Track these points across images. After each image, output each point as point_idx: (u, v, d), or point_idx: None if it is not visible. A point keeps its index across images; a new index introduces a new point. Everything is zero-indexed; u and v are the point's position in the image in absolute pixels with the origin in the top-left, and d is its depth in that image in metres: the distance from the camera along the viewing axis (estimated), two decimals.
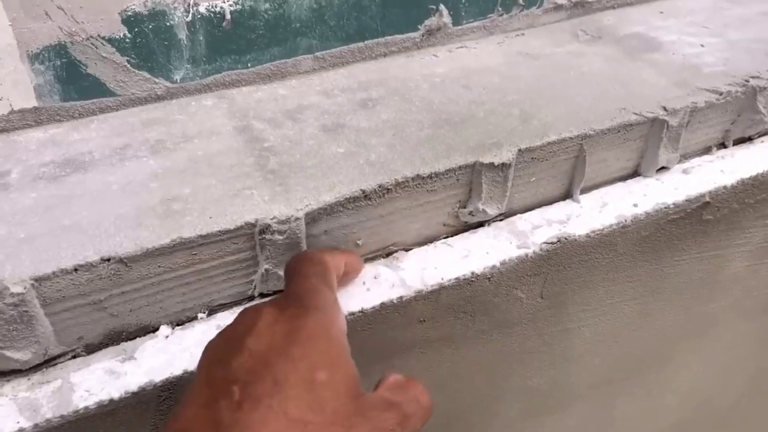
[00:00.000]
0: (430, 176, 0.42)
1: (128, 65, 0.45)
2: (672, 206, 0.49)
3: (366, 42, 0.53)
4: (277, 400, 0.26)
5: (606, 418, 0.68)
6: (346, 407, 0.28)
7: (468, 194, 0.45)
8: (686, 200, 0.49)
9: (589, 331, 0.55)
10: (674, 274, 0.55)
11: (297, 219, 0.38)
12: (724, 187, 0.51)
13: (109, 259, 0.36)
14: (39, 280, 0.34)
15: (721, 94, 0.51)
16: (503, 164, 0.43)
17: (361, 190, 0.40)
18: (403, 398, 0.30)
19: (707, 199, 0.50)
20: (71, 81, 0.44)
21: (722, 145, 0.55)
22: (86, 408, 0.35)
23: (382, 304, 0.41)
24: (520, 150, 0.44)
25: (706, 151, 0.55)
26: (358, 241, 0.43)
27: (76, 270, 0.35)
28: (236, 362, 0.28)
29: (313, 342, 0.29)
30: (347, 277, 0.41)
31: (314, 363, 0.28)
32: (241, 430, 0.26)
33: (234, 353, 0.29)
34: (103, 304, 0.37)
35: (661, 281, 0.55)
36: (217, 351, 0.30)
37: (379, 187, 0.41)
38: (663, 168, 0.52)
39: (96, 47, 0.44)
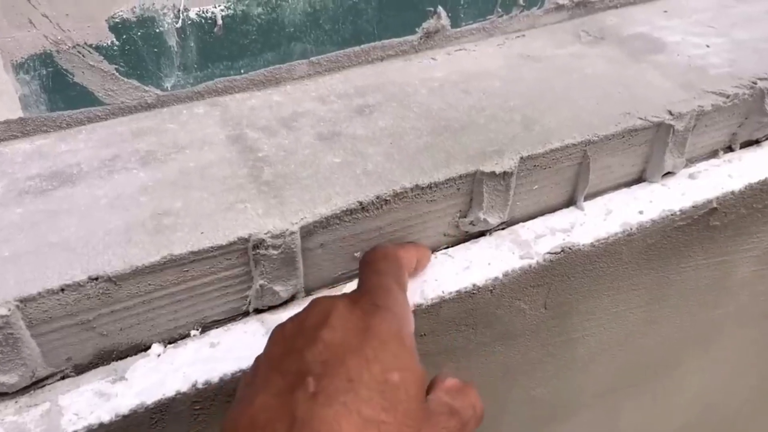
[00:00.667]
0: (429, 186, 0.41)
1: (117, 73, 0.44)
2: (678, 213, 0.48)
3: (362, 46, 0.52)
4: (351, 397, 0.26)
5: (611, 426, 0.67)
6: (416, 410, 0.28)
7: (469, 204, 0.43)
8: (693, 206, 0.48)
9: (594, 340, 0.53)
10: (680, 281, 0.54)
11: (292, 233, 0.37)
12: (732, 192, 0.49)
13: (97, 278, 0.34)
14: (24, 301, 0.33)
15: (728, 96, 0.49)
16: (505, 173, 0.42)
17: (358, 201, 0.39)
18: (462, 404, 0.31)
19: (714, 204, 0.49)
20: (58, 90, 0.43)
21: (729, 149, 0.54)
22: None
23: None
24: (522, 158, 0.43)
25: (713, 155, 0.53)
26: (356, 254, 0.41)
27: (62, 290, 0.34)
28: (310, 354, 0.28)
29: (385, 343, 0.29)
30: (416, 271, 0.42)
31: (387, 364, 0.28)
32: (317, 424, 0.25)
33: (308, 344, 0.29)
34: (92, 324, 0.36)
35: (667, 288, 0.54)
36: (288, 340, 0.30)
37: (377, 198, 0.39)
38: (668, 173, 0.50)
39: (83, 55, 0.42)
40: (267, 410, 0.27)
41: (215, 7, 0.44)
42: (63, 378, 0.36)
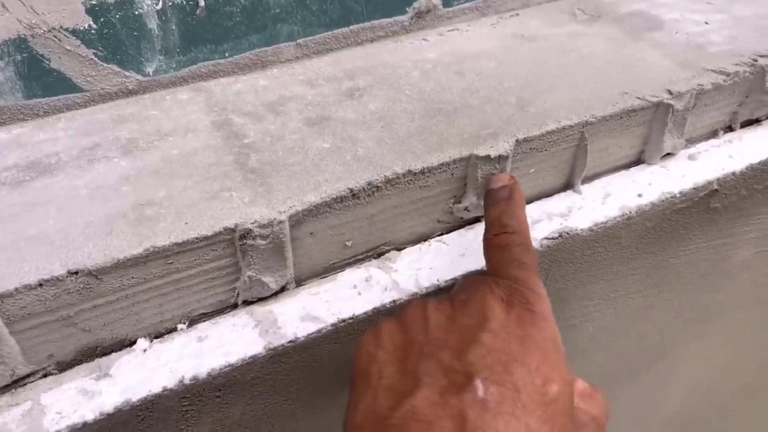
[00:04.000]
0: (422, 171, 0.39)
1: (95, 58, 0.42)
2: (678, 195, 0.47)
3: (351, 27, 0.50)
4: (519, 409, 0.26)
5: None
6: (568, 424, 0.28)
7: (463, 189, 0.42)
8: (693, 188, 0.47)
9: (592, 326, 0.52)
10: (679, 264, 0.53)
11: (280, 222, 0.36)
12: (733, 173, 0.48)
13: (77, 272, 0.33)
14: (1, 298, 0.32)
15: (728, 74, 0.48)
16: (500, 156, 0.41)
17: (348, 188, 0.37)
18: (597, 412, 0.31)
19: (715, 186, 0.48)
20: (34, 77, 0.41)
21: (729, 128, 0.53)
22: None
23: (375, 309, 0.39)
24: (517, 140, 0.41)
25: (713, 135, 0.52)
26: (347, 243, 0.40)
27: (41, 285, 0.32)
28: (473, 355, 0.28)
29: (546, 353, 0.29)
30: None
31: (548, 375, 0.28)
32: None
33: (469, 345, 0.28)
34: (74, 320, 0.34)
35: (666, 272, 0.53)
36: (435, 329, 0.30)
37: (368, 184, 0.38)
38: (668, 155, 0.49)
39: (59, 40, 0.40)
40: (432, 406, 0.26)
41: None
42: (45, 376, 0.35)
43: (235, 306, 0.39)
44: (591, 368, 0.58)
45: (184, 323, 0.38)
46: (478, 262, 0.41)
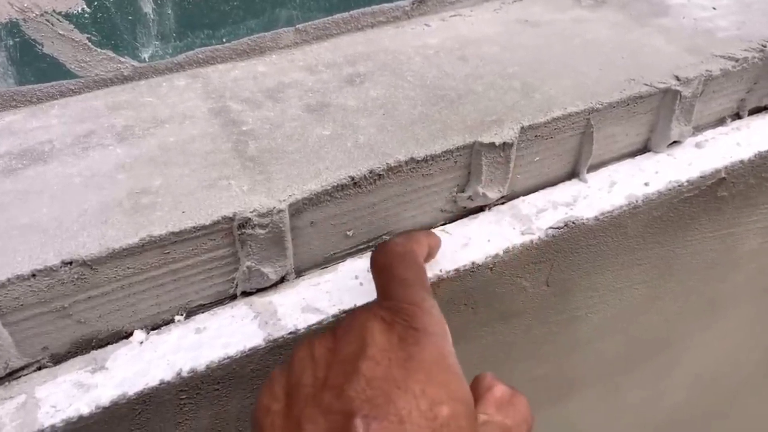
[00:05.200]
0: (425, 159, 0.38)
1: (89, 43, 0.41)
2: (686, 184, 0.46)
3: (351, 12, 0.49)
4: None
5: (613, 404, 0.66)
6: None
7: (467, 177, 0.41)
8: (701, 177, 0.46)
9: (597, 317, 0.52)
10: (686, 254, 0.52)
11: (280, 211, 0.35)
12: (741, 162, 0.47)
13: (71, 262, 0.32)
14: None
15: (737, 60, 0.47)
16: (505, 144, 0.40)
17: (349, 176, 0.36)
18: (515, 420, 0.29)
19: (723, 174, 0.47)
20: (27, 62, 0.40)
21: (737, 116, 0.52)
22: (53, 426, 0.32)
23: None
24: (522, 127, 0.40)
25: (720, 122, 0.51)
26: (348, 232, 0.39)
27: (34, 275, 0.31)
28: (352, 390, 0.26)
29: (431, 374, 0.27)
30: (428, 259, 0.38)
31: (435, 398, 0.26)
32: None
33: (348, 379, 0.26)
34: (68, 311, 0.33)
35: (672, 262, 0.52)
36: (320, 367, 0.28)
37: (370, 172, 0.37)
38: (674, 142, 0.48)
39: (52, 24, 0.39)
40: None
41: None
42: (39, 369, 0.34)
43: (233, 297, 0.38)
44: (595, 360, 0.57)
45: (182, 314, 0.37)
46: (481, 252, 0.40)
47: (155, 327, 0.37)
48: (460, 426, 0.26)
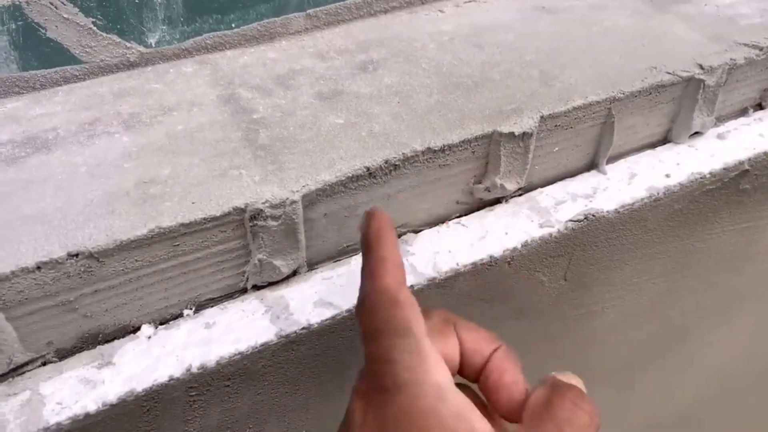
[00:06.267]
0: (442, 149, 0.37)
1: (94, 27, 0.39)
2: (708, 176, 0.44)
3: None
4: None
5: (625, 400, 0.65)
6: None
7: (484, 168, 0.40)
8: (724, 168, 0.45)
9: (614, 312, 0.51)
10: (704, 248, 0.51)
11: (293, 202, 0.34)
12: (765, 153, 0.46)
13: (77, 255, 0.31)
14: None
15: (761, 49, 0.46)
16: (524, 133, 0.38)
17: (365, 166, 0.35)
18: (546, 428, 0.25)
19: (746, 166, 0.45)
20: (30, 47, 0.39)
21: (759, 106, 0.50)
22: (58, 424, 0.31)
23: None
24: (542, 116, 0.39)
25: (742, 112, 0.50)
26: None
27: (39, 268, 0.30)
28: None
29: (401, 429, 0.25)
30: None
31: None
32: None
33: None
34: (74, 305, 0.32)
35: (690, 257, 0.51)
36: None
37: (385, 162, 0.36)
38: (696, 133, 0.47)
39: (56, 7, 0.38)
40: None
41: None
42: (44, 364, 0.33)
43: (244, 291, 0.37)
44: (610, 356, 0.56)
45: (191, 309, 0.36)
46: (499, 245, 0.39)
47: (163, 321, 0.35)
48: None
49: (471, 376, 0.30)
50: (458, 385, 0.28)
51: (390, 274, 0.28)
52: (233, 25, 0.44)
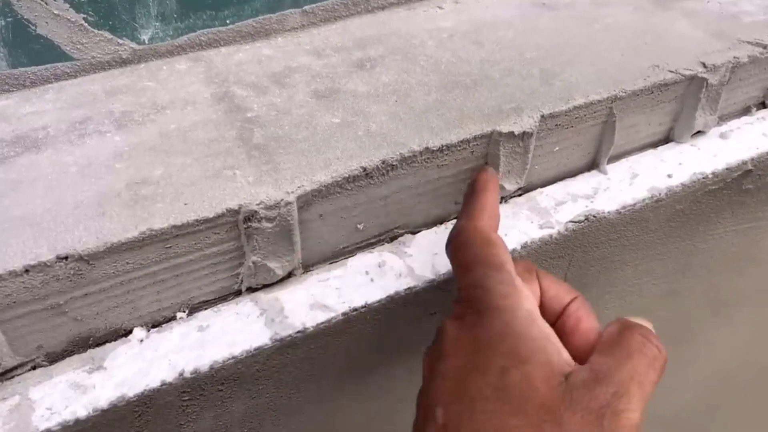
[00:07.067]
0: (440, 149, 0.36)
1: (85, 24, 0.39)
2: (711, 176, 0.44)
3: None
4: (479, 416, 0.26)
5: None
6: (550, 400, 0.26)
7: None
8: (726, 168, 0.44)
9: (614, 313, 0.50)
10: (707, 249, 0.50)
11: (288, 203, 0.33)
12: None
13: (66, 257, 0.30)
14: None
15: (765, 47, 0.45)
16: (524, 133, 0.38)
17: (361, 167, 0.34)
18: (615, 360, 0.27)
19: (749, 166, 0.45)
20: (19, 44, 0.38)
21: (762, 105, 0.49)
22: (48, 430, 0.30)
23: (389, 297, 0.36)
24: (543, 116, 0.38)
25: (745, 111, 0.49)
26: (359, 225, 0.37)
27: (27, 271, 0.30)
28: (433, 389, 0.28)
29: (494, 346, 0.27)
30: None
31: (502, 366, 0.27)
32: None
33: (430, 381, 0.29)
34: (64, 308, 0.31)
35: (692, 257, 0.50)
36: (424, 379, 0.31)
37: (382, 163, 0.35)
38: (698, 132, 0.46)
39: (46, 3, 0.37)
40: None
41: None
42: (33, 368, 0.33)
43: (238, 293, 0.36)
44: None
45: (184, 311, 0.35)
46: None
47: (156, 324, 0.35)
48: (536, 386, 0.26)
49: (550, 320, 0.31)
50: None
51: (485, 219, 0.33)
52: (228, 22, 0.43)
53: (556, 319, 0.32)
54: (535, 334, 0.28)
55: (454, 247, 0.32)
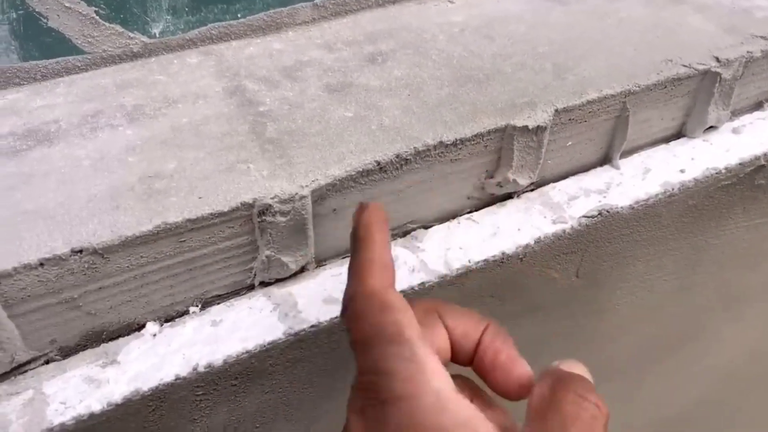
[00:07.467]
0: (454, 143, 0.36)
1: (97, 17, 0.38)
2: (723, 171, 0.43)
3: None
4: None
5: (635, 394, 0.64)
6: None
7: (496, 162, 0.39)
8: (740, 164, 0.44)
9: (625, 309, 0.50)
10: (718, 244, 0.50)
11: (302, 197, 0.33)
12: None
13: (81, 251, 0.30)
14: None
15: None
16: (538, 127, 0.37)
17: (375, 161, 0.34)
18: (550, 429, 0.24)
19: (762, 162, 0.45)
20: (31, 37, 0.38)
21: None
22: (62, 425, 0.30)
23: (402, 292, 0.36)
24: (557, 110, 0.38)
25: (757, 106, 0.49)
26: None
27: (42, 264, 0.29)
28: None
29: None
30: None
31: None
32: None
33: None
34: (78, 302, 0.31)
35: (704, 253, 0.50)
36: None
37: (396, 157, 0.35)
38: (710, 127, 0.46)
39: None
40: None
41: None
42: (47, 362, 0.32)
43: (251, 287, 0.36)
44: (621, 351, 0.55)
45: (197, 306, 0.35)
46: (511, 241, 0.38)
47: (169, 319, 0.35)
48: None
49: (464, 362, 0.29)
50: (454, 376, 0.26)
51: (376, 276, 0.27)
52: (239, 15, 0.43)
53: (470, 358, 0.28)
54: (446, 423, 0.23)
55: (347, 319, 0.27)
